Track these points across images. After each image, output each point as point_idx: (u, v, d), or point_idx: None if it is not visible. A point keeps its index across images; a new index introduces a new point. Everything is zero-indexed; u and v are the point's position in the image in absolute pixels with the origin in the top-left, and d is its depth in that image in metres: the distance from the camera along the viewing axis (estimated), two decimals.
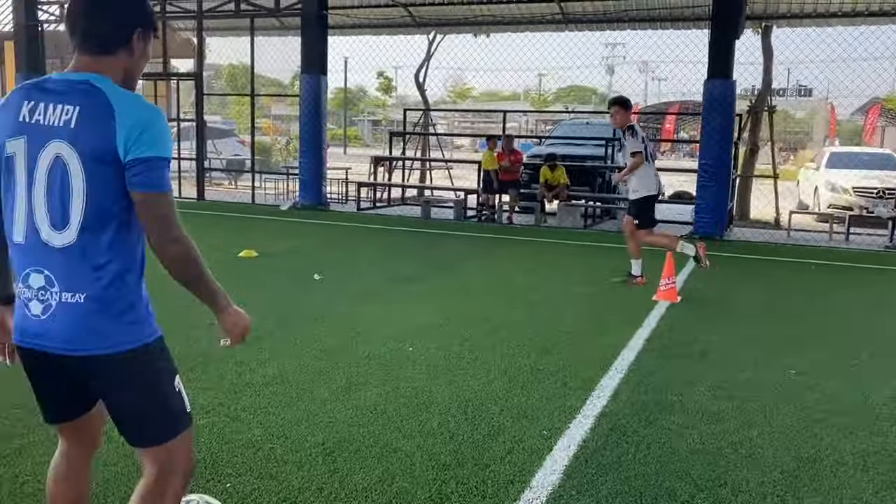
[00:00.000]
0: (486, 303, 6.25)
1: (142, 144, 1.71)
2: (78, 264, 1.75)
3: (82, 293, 1.75)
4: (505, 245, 9.94)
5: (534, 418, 3.70)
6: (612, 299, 6.59)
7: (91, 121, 1.72)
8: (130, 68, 1.86)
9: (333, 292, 6.43)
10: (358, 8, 15.69)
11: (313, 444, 3.31)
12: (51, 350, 1.79)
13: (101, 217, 1.75)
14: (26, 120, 1.77)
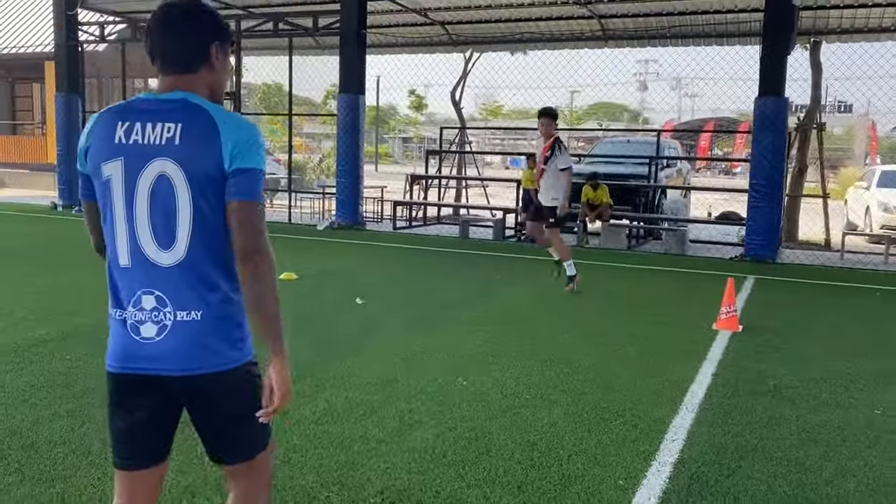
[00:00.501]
0: (535, 332, 5.97)
1: (244, 157, 1.75)
2: (188, 282, 1.76)
3: (197, 311, 1.76)
4: (547, 268, 9.64)
5: (606, 465, 3.41)
6: (669, 327, 6.26)
7: (196, 137, 1.74)
8: (214, 83, 1.88)
9: (377, 319, 6.19)
10: (396, 27, 15.62)
11: (372, 492, 3.06)
12: (164, 372, 1.77)
13: (208, 233, 1.76)
14: (122, 141, 1.77)
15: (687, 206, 15.36)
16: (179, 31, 1.84)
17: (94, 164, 1.80)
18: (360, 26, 12.34)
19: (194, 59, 1.83)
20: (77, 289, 7.00)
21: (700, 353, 5.44)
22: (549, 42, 15.38)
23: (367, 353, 5.15)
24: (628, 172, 13.72)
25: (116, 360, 1.81)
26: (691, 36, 14.40)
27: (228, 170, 1.74)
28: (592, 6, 13.38)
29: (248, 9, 14.36)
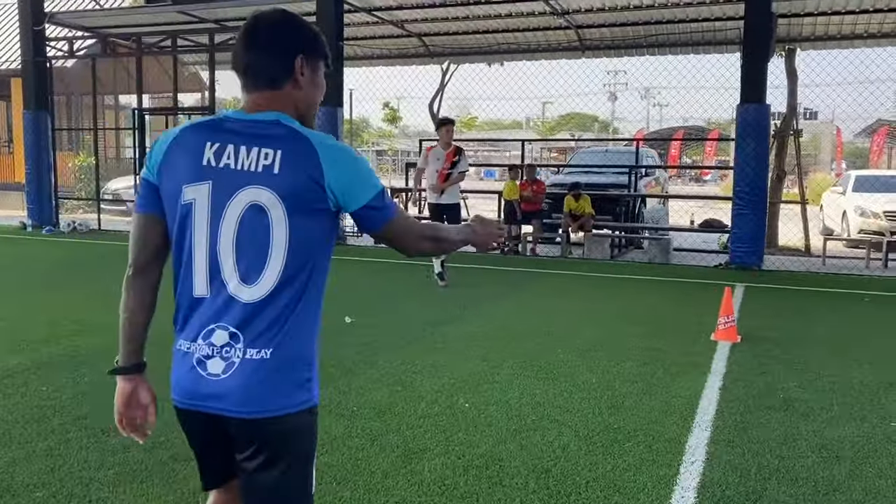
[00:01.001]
0: (532, 347, 5.79)
1: (361, 190, 1.68)
2: (267, 318, 1.64)
3: (268, 349, 1.63)
4: (535, 279, 9.50)
5: (627, 492, 3.23)
6: (667, 340, 6.12)
7: (297, 166, 1.63)
8: (300, 101, 1.75)
9: (368, 338, 5.97)
10: (373, 39, 15.46)
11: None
12: (227, 413, 1.65)
13: (299, 268, 1.65)
14: (212, 164, 1.66)
15: (667, 214, 15.36)
16: (262, 43, 1.72)
17: (173, 184, 1.68)
18: (338, 38, 12.13)
19: (278, 73, 1.71)
20: (48, 314, 6.68)
21: (703, 365, 5.30)
22: (526, 53, 15.32)
23: (362, 375, 4.93)
24: (608, 182, 13.67)
25: (180, 395, 1.72)
26: (667, 45, 14.42)
27: (350, 207, 1.68)
28: (570, 16, 13.33)
29: (220, 22, 14.10)
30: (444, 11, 13.31)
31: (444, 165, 8.44)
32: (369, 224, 1.73)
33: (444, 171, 8.45)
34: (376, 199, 1.70)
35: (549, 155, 45.16)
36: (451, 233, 1.90)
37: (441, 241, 1.87)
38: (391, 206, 1.74)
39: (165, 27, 14.04)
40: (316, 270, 1.69)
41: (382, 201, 1.71)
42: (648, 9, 12.67)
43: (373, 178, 1.71)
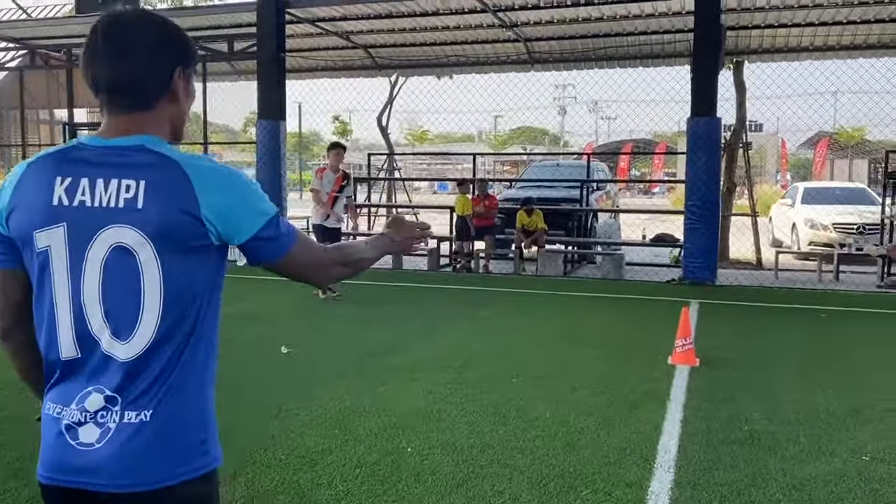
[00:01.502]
0: (484, 375, 5.43)
1: (248, 219, 1.44)
2: (147, 377, 1.40)
3: (148, 410, 1.40)
4: (487, 299, 9.17)
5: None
6: (623, 364, 5.82)
7: (165, 197, 1.39)
8: (177, 117, 1.52)
9: (304, 371, 5.53)
10: (316, 50, 15.03)
11: None
12: (101, 489, 1.40)
13: (180, 316, 1.42)
14: (64, 202, 1.40)
15: (619, 229, 15.23)
16: (131, 54, 1.43)
17: (22, 232, 1.43)
18: (279, 50, 11.70)
19: (154, 91, 1.46)
20: None
21: (662, 393, 5.00)
22: (475, 66, 15.06)
23: (294, 417, 4.49)
24: (560, 196, 13.46)
25: (46, 469, 1.46)
26: (616, 58, 14.32)
27: (237, 240, 1.45)
28: (519, 29, 13.13)
29: None
30: (390, 23, 12.96)
31: (333, 188, 8.70)
32: (262, 257, 1.50)
33: (333, 193, 8.70)
34: (268, 228, 1.46)
35: (503, 168, 45.16)
36: (365, 250, 1.69)
37: (355, 262, 1.65)
38: (288, 234, 1.50)
39: None
40: (203, 316, 1.46)
41: (276, 229, 1.47)
42: (597, 21, 12.53)
43: (262, 203, 1.47)
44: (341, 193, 8.79)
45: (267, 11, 11.55)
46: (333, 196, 8.72)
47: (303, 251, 1.54)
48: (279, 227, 1.49)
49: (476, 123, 58.92)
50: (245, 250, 1.48)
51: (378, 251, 1.73)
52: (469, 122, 73.45)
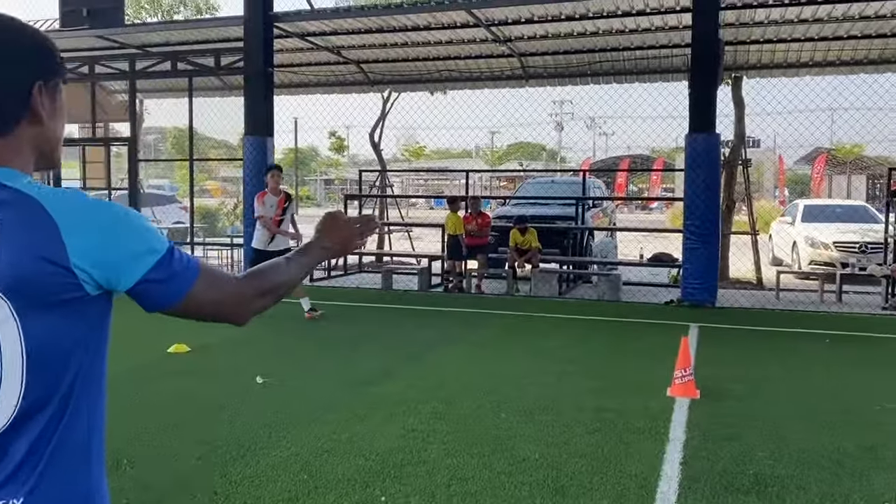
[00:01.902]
0: (470, 410, 5.08)
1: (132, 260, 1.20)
2: (14, 457, 1.16)
3: (17, 498, 1.16)
4: (479, 321, 8.83)
5: None
6: (618, 396, 5.48)
7: (22, 243, 1.13)
8: (43, 140, 1.26)
9: (279, 405, 5.18)
10: (308, 66, 14.77)
11: None
12: None
13: (50, 384, 1.17)
14: None
15: (616, 247, 14.92)
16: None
17: None
18: (267, 64, 11.42)
19: (8, 112, 1.21)
20: None
21: (660, 431, 4.66)
22: (468, 81, 14.81)
23: (262, 459, 4.14)
24: (555, 214, 13.16)
25: None
26: (612, 73, 14.05)
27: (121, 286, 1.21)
28: (512, 44, 12.88)
29: (144, 48, 13.26)
30: (382, 37, 12.70)
31: (277, 212, 8.51)
32: (157, 303, 1.26)
33: (277, 217, 8.51)
34: (158, 268, 1.23)
35: (500, 185, 44.98)
36: (286, 270, 1.45)
37: (277, 288, 1.42)
38: (186, 271, 1.26)
39: (85, 53, 13.14)
40: (82, 380, 1.22)
41: (169, 268, 1.24)
42: (592, 36, 12.28)
43: (149, 240, 1.23)
44: (285, 215, 8.57)
45: (254, 26, 11.29)
46: (277, 220, 8.51)
47: (207, 288, 1.30)
48: (172, 265, 1.25)
49: (473, 139, 58.69)
50: (135, 297, 1.24)
51: (304, 266, 1.50)
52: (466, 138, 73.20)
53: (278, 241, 8.48)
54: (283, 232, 8.51)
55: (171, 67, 12.32)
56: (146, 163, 25.21)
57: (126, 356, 6.34)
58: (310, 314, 8.60)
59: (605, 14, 11.14)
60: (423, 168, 34.35)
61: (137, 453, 4.16)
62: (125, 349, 6.86)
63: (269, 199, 8.52)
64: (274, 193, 8.56)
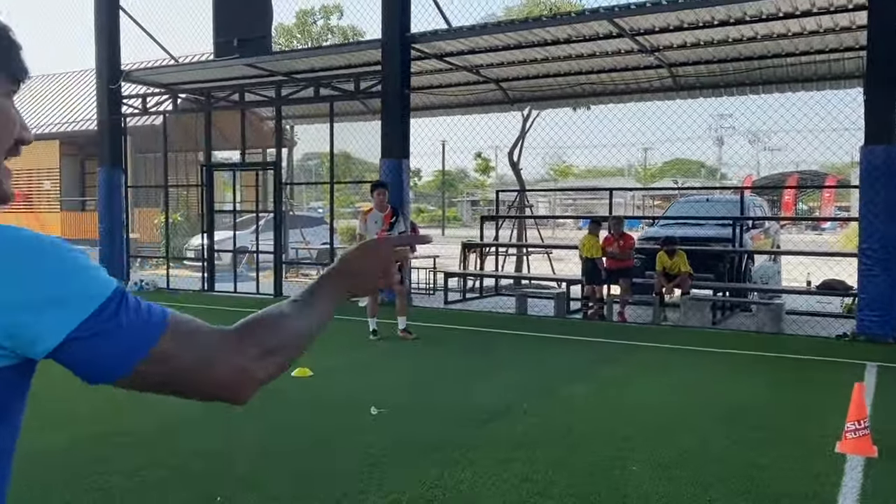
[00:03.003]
0: (599, 459, 4.50)
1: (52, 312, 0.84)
2: None
3: None
4: (618, 354, 8.13)
5: None
6: (776, 449, 4.68)
7: None
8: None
9: (387, 441, 4.84)
10: (447, 87, 14.68)
11: None
12: None
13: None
14: None
15: (779, 272, 13.56)
16: None
17: None
18: (403, 86, 11.36)
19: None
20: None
21: (826, 499, 3.86)
22: (613, 95, 14.12)
23: (360, 498, 3.79)
24: (709, 235, 12.13)
25: None
26: (774, 82, 12.88)
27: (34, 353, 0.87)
28: (661, 54, 12.08)
29: (291, 75, 13.70)
30: (521, 54, 12.34)
31: (383, 227, 8.58)
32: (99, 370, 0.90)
33: (383, 232, 8.54)
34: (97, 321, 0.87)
35: (654, 203, 43.19)
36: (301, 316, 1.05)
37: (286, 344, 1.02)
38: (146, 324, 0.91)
39: (235, 81, 13.77)
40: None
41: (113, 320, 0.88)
42: (750, 42, 11.26)
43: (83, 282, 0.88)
44: (392, 231, 8.57)
45: (391, 48, 11.27)
46: (385, 235, 8.30)
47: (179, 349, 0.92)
48: (119, 316, 0.88)
49: (626, 156, 56.95)
50: (66, 365, 0.89)
51: (322, 314, 1.09)
52: (618, 156, 71.19)
53: None
54: None
55: (315, 93, 12.58)
56: (305, 186, 26.36)
57: None
58: (404, 333, 8.61)
59: (764, 17, 10.15)
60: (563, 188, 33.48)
61: (228, 489, 3.94)
62: None
63: (374, 216, 8.60)
64: (380, 209, 8.63)
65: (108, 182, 14.07)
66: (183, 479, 4.10)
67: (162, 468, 4.28)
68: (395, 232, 8.58)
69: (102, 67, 13.88)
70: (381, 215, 8.60)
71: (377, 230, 8.52)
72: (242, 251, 15.64)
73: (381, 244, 1.18)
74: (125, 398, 5.91)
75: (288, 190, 20.61)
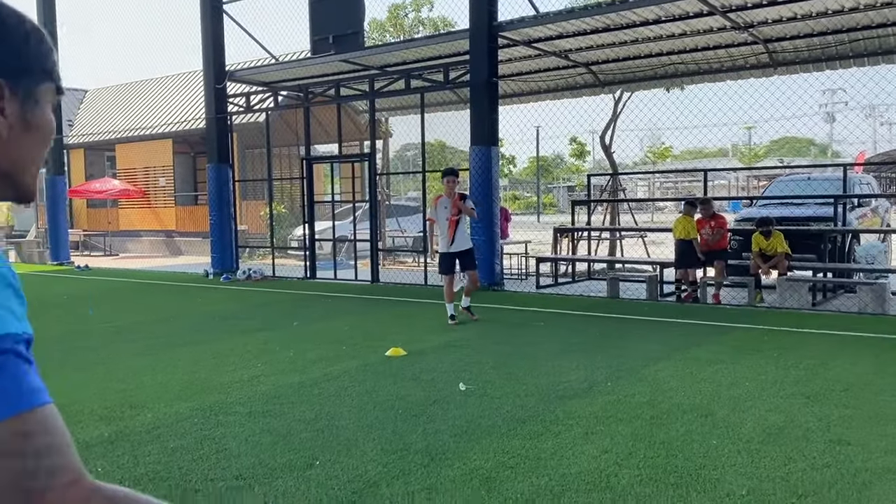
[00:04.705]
0: (679, 434, 4.61)
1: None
2: None
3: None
4: (709, 335, 8.09)
5: None
6: (866, 427, 4.65)
7: None
8: (8, 160, 0.97)
9: (474, 414, 5.11)
10: (536, 73, 14.76)
11: None
12: None
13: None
14: None
15: (888, 252, 12.95)
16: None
17: None
18: (491, 75, 11.56)
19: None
20: (162, 374, 6.55)
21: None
22: (707, 74, 13.80)
23: (445, 470, 4.07)
24: (809, 215, 11.75)
25: None
26: (882, 52, 12.27)
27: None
28: (755, 30, 11.76)
29: (384, 68, 14.14)
30: (610, 36, 12.28)
31: (453, 212, 8.86)
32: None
33: (453, 217, 8.87)
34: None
35: (759, 184, 41.53)
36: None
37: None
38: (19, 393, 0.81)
39: (332, 77, 14.33)
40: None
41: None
42: (852, 13, 10.80)
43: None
44: (461, 215, 8.93)
45: (478, 37, 11.49)
46: (455, 220, 8.90)
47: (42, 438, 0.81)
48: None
49: (730, 136, 54.82)
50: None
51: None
52: (722, 136, 68.69)
53: (458, 242, 8.93)
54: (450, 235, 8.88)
55: (406, 85, 12.96)
56: (403, 176, 26.98)
57: (352, 356, 6.80)
58: (465, 311, 9.06)
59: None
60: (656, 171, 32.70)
61: (328, 454, 4.31)
62: (351, 349, 7.28)
63: (443, 202, 8.90)
64: (449, 196, 8.91)
65: (216, 177, 14.98)
66: (288, 444, 4.51)
67: (270, 434, 4.71)
68: (464, 216, 9.00)
69: (209, 69, 14.77)
70: (449, 201, 8.89)
71: (447, 215, 8.87)
72: (342, 240, 16.27)
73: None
74: (233, 376, 6.43)
75: (385, 180, 21.27)
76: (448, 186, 8.92)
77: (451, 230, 8.89)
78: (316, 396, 5.62)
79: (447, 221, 8.88)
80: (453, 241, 8.90)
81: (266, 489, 3.82)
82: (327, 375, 6.31)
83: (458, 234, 8.93)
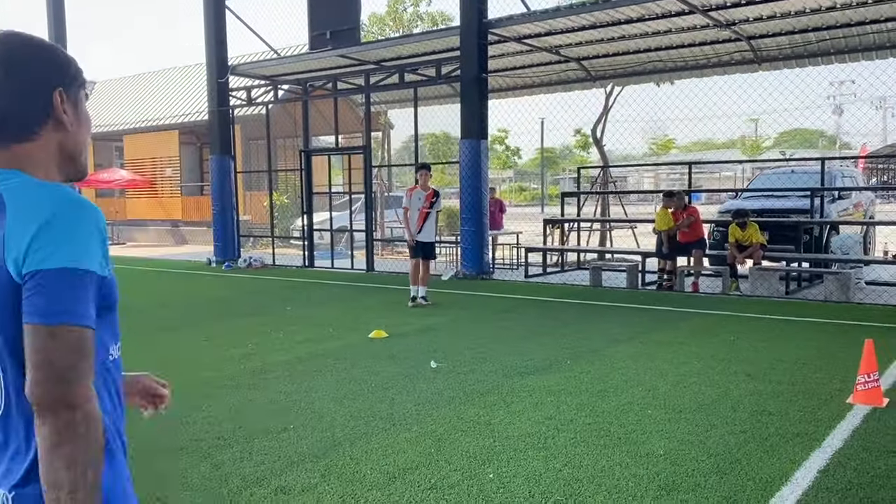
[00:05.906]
0: (621, 405, 5.09)
1: (37, 252, 1.18)
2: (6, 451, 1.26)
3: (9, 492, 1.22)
4: (674, 320, 8.55)
5: None
6: (790, 400, 5.12)
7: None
8: (70, 144, 1.37)
9: (439, 387, 5.61)
10: (529, 67, 15.18)
11: None
12: None
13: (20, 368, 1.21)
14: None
15: (867, 244, 13.33)
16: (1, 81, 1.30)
17: None
18: (481, 70, 12.00)
19: (30, 119, 1.31)
20: (170, 355, 7.06)
21: (816, 437, 4.33)
22: (694, 69, 14.20)
23: (402, 433, 4.58)
24: (788, 207, 12.15)
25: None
26: (861, 50, 12.63)
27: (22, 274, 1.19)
28: (738, 27, 12.14)
29: (380, 63, 14.59)
30: (598, 33, 12.69)
31: (424, 205, 9.58)
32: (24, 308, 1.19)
33: (424, 210, 9.58)
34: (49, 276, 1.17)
35: None
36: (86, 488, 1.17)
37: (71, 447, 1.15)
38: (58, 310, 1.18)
39: (329, 71, 14.80)
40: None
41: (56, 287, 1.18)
42: (830, 11, 11.17)
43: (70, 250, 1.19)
44: (432, 209, 9.62)
45: (468, 34, 11.92)
46: (425, 212, 9.57)
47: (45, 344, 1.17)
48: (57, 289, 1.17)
49: (739, 128, 54.79)
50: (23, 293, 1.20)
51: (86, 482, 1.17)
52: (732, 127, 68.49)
53: (425, 232, 9.65)
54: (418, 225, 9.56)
55: (400, 79, 13.42)
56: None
57: (337, 337, 7.32)
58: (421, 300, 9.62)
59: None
60: (642, 164, 33.02)
61: (302, 420, 4.82)
62: (337, 332, 7.78)
63: (417, 193, 9.58)
64: (423, 189, 9.60)
65: (219, 168, 15.50)
66: (267, 412, 5.02)
67: (252, 404, 5.22)
68: (434, 211, 9.68)
69: (212, 62, 15.27)
70: (423, 193, 9.58)
71: (420, 206, 9.57)
72: (341, 230, 16.79)
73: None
74: (225, 354, 6.89)
75: (386, 172, 21.72)
76: (422, 179, 9.64)
77: (420, 220, 9.58)
78: (299, 373, 6.14)
79: (418, 212, 9.57)
80: (421, 231, 9.60)
81: (242, 447, 4.33)
82: (311, 354, 6.82)
83: (426, 226, 9.62)
